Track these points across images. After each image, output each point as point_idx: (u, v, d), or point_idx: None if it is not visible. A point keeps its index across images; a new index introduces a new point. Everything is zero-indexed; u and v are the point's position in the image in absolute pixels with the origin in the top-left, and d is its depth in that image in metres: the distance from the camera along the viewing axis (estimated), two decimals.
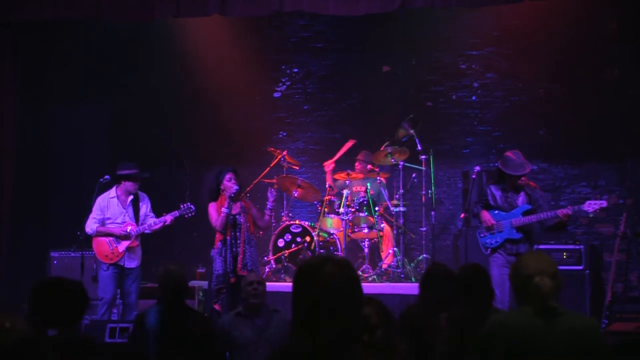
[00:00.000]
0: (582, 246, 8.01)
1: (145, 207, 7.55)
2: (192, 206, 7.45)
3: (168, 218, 7.41)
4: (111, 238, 7.30)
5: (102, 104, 9.97)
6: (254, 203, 7.67)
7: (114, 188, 7.50)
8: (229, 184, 7.10)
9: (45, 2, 7.85)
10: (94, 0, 7.74)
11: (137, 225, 7.40)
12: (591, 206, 6.67)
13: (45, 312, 3.71)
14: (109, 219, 7.38)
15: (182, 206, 7.46)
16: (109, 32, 9.37)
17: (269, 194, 7.46)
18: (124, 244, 7.30)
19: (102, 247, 7.31)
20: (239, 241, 7.05)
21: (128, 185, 7.44)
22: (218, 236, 7.17)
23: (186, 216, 7.45)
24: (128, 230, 7.31)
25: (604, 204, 6.67)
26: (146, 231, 7.41)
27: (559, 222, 6.75)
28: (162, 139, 10.11)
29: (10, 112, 8.37)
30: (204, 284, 8.25)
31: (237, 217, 7.12)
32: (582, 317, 3.11)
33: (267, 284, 7.44)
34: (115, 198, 7.45)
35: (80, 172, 9.36)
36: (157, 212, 7.64)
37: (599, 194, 8.75)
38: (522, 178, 6.88)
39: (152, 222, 7.42)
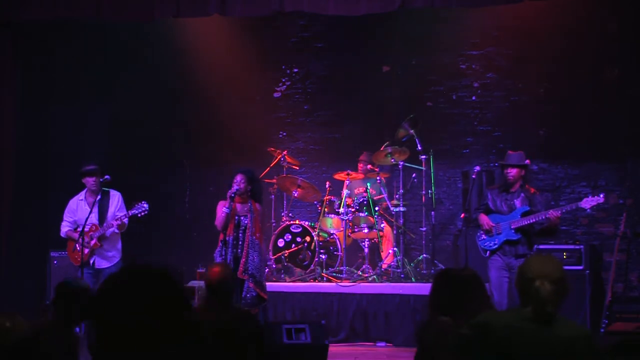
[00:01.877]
0: (582, 246, 8.01)
1: (114, 207, 7.47)
2: (145, 205, 7.26)
3: (116, 222, 7.25)
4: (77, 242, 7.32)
5: (102, 104, 9.96)
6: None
7: (84, 191, 7.49)
8: (233, 185, 7.07)
9: (45, 2, 7.85)
10: (94, 0, 7.74)
11: (101, 226, 7.34)
12: (588, 203, 6.65)
13: None
14: (79, 221, 7.35)
15: (135, 205, 7.30)
16: (109, 32, 9.37)
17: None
18: (86, 247, 7.30)
19: (71, 249, 7.40)
20: (240, 242, 7.00)
21: (87, 182, 7.41)
22: (221, 235, 7.15)
23: (139, 215, 7.29)
24: (87, 240, 7.24)
25: (601, 200, 6.64)
26: (107, 234, 7.33)
27: (549, 225, 6.71)
28: (162, 139, 10.11)
29: (10, 112, 8.37)
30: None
31: (242, 218, 7.06)
32: (574, 326, 3.06)
33: (267, 284, 7.48)
34: (83, 200, 7.46)
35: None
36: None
37: (598, 194, 8.73)
38: (510, 171, 6.83)
39: (112, 225, 7.30)
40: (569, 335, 2.94)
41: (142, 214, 7.29)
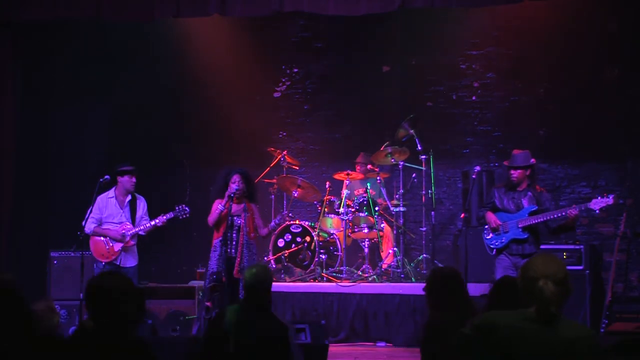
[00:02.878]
0: (582, 246, 8.00)
1: (141, 209, 7.55)
2: (186, 208, 7.43)
3: (160, 219, 7.39)
4: (107, 238, 7.36)
5: (102, 104, 9.96)
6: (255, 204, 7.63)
7: (113, 189, 7.52)
8: (232, 185, 7.08)
9: (45, 2, 7.85)
10: (94, 0, 7.74)
11: (133, 225, 7.41)
12: (597, 204, 6.60)
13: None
14: (107, 218, 7.39)
15: (176, 208, 7.43)
16: (109, 32, 9.37)
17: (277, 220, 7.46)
18: (120, 244, 7.35)
19: (99, 246, 7.36)
20: (234, 242, 7.02)
21: (125, 181, 7.43)
22: (215, 235, 7.17)
23: (180, 217, 7.43)
24: (123, 233, 7.33)
25: (610, 201, 6.58)
26: (141, 233, 7.42)
27: (565, 223, 6.69)
28: (162, 139, 10.11)
29: (10, 112, 8.37)
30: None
31: (235, 218, 7.08)
32: (577, 327, 3.05)
33: None
34: (114, 198, 7.47)
35: (80, 172, 9.35)
36: (155, 211, 7.61)
37: (598, 194, 8.74)
38: (513, 173, 6.82)
39: (147, 224, 7.43)
40: (571, 335, 2.93)
41: (184, 216, 7.43)
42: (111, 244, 7.34)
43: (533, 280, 2.99)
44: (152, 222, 7.42)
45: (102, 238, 7.35)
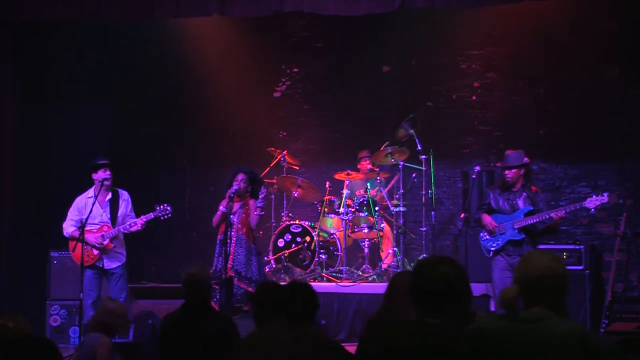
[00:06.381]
0: (582, 246, 8.00)
1: (124, 207, 7.26)
2: (168, 207, 7.13)
3: (139, 222, 7.10)
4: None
5: (103, 104, 9.95)
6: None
7: (92, 187, 7.28)
8: (234, 185, 7.07)
9: (45, 2, 7.84)
10: (94, 0, 7.74)
11: (114, 226, 7.12)
12: (592, 202, 6.64)
13: None
14: (87, 219, 7.06)
15: (157, 207, 7.15)
16: (109, 32, 9.37)
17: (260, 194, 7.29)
18: (98, 248, 7.10)
19: (79, 250, 7.03)
20: (229, 240, 7.03)
21: (99, 176, 7.16)
22: (218, 235, 7.18)
23: (162, 218, 7.15)
24: (102, 235, 7.06)
25: (605, 199, 6.63)
26: (123, 232, 7.15)
27: (551, 225, 6.71)
28: (162, 140, 10.11)
29: (10, 112, 8.37)
30: None
31: (232, 216, 7.08)
32: (567, 324, 3.04)
33: None
34: (93, 197, 7.19)
35: (80, 173, 9.33)
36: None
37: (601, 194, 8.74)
38: (508, 173, 6.83)
39: (128, 225, 7.13)
40: (562, 333, 2.94)
41: (165, 217, 7.16)
42: (90, 247, 7.07)
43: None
44: (132, 226, 7.12)
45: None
